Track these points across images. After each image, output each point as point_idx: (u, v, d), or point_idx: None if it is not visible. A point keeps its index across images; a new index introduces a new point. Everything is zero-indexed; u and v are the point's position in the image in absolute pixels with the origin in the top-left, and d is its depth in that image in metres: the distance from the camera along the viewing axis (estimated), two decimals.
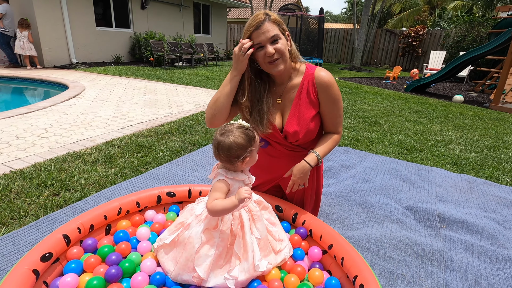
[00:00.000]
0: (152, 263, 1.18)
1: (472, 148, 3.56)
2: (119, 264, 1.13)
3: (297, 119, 1.42)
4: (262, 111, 1.38)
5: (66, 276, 1.06)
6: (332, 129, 1.50)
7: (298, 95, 1.41)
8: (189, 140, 3.20)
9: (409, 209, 2.14)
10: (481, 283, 1.52)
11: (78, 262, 1.13)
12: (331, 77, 1.39)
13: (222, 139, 1.09)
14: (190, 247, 1.11)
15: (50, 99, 4.63)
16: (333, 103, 1.42)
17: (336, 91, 1.40)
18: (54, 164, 2.41)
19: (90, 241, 1.25)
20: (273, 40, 1.24)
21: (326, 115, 1.46)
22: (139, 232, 1.34)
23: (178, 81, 7.11)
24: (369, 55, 15.31)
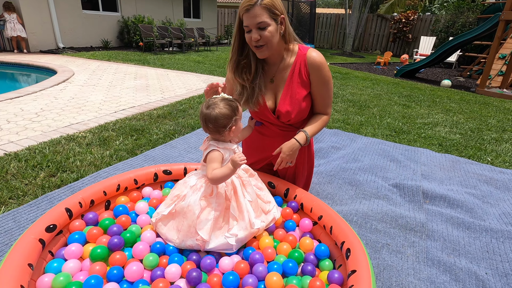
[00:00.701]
0: (152, 234, 1.24)
1: (457, 130, 3.69)
2: (121, 235, 1.20)
3: (289, 99, 1.46)
4: (253, 89, 1.43)
5: (71, 245, 1.12)
6: (322, 110, 1.54)
7: (290, 75, 1.45)
8: (182, 123, 3.23)
9: (395, 186, 2.25)
10: (459, 250, 1.65)
11: (81, 234, 1.19)
12: (322, 59, 1.43)
13: (209, 112, 1.18)
14: (191, 214, 1.18)
15: (39, 84, 4.56)
16: (323, 84, 1.46)
17: (327, 72, 1.44)
18: (49, 146, 2.42)
19: (91, 215, 1.30)
20: (259, 27, 1.25)
21: (316, 95, 1.50)
22: (137, 207, 1.40)
23: (169, 66, 7.03)
24: (360, 41, 15.30)
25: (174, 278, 1.05)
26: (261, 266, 1.11)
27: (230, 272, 1.06)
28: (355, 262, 1.09)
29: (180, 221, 1.21)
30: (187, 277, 1.02)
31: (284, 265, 1.15)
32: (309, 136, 1.47)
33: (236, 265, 1.12)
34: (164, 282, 1.01)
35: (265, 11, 1.24)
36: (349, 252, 1.15)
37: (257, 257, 1.16)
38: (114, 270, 1.03)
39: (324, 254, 1.22)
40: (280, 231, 1.39)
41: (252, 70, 1.42)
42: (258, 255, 1.17)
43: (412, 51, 12.71)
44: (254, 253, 1.18)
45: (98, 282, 0.98)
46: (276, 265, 1.13)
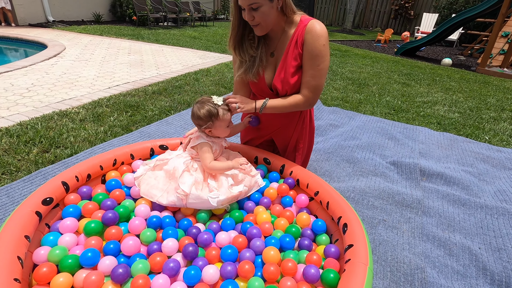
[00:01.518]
0: (146, 208, 1.22)
1: (456, 109, 3.67)
2: (114, 209, 1.17)
3: (284, 73, 1.38)
4: (254, 61, 1.38)
5: (66, 219, 1.10)
6: (302, 88, 1.37)
7: (288, 47, 1.37)
8: (178, 100, 3.16)
9: (392, 163, 2.25)
10: (454, 226, 1.67)
11: (76, 207, 1.17)
12: (323, 31, 1.30)
13: (193, 107, 1.30)
14: (175, 173, 1.25)
15: (29, 58, 4.40)
16: (311, 57, 1.30)
17: (320, 46, 1.28)
18: (41, 122, 2.36)
19: (85, 189, 1.28)
20: (251, 8, 1.19)
21: (302, 69, 1.35)
22: (126, 179, 1.38)
23: (164, 42, 6.82)
24: (361, 18, 14.88)
25: (171, 252, 1.04)
26: (258, 240, 1.11)
27: (229, 246, 1.06)
28: (352, 237, 1.09)
29: (163, 180, 1.28)
30: (184, 252, 1.02)
31: (281, 240, 1.15)
32: (265, 105, 1.37)
33: (234, 240, 1.12)
34: (161, 256, 1.00)
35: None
36: (346, 227, 1.15)
37: (255, 231, 1.16)
38: (110, 244, 1.02)
39: (321, 229, 1.22)
40: (277, 206, 1.38)
41: (255, 42, 1.36)
42: (255, 230, 1.17)
43: (414, 28, 12.41)
44: (252, 228, 1.18)
45: (95, 255, 0.97)
46: (273, 239, 1.13)
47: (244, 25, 1.33)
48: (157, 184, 1.28)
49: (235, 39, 1.36)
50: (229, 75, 4.32)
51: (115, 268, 0.92)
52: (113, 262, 0.97)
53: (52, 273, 0.91)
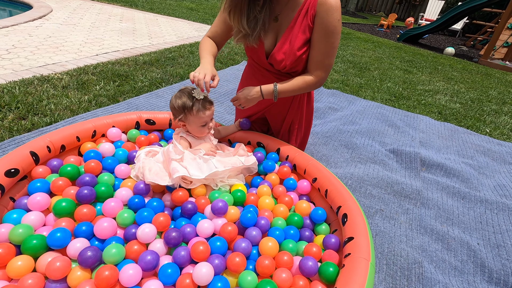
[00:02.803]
0: (128, 192, 1.09)
1: (458, 99, 3.57)
2: (95, 188, 1.04)
3: (288, 44, 1.23)
4: (256, 23, 1.20)
5: (36, 195, 0.97)
6: (311, 67, 1.26)
7: (296, 16, 1.21)
8: (170, 72, 2.97)
9: (392, 151, 2.15)
10: (452, 219, 1.60)
11: (45, 182, 1.03)
12: (338, 3, 1.16)
13: (173, 95, 1.22)
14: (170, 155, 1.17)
15: (11, 18, 4.08)
16: (325, 34, 1.17)
17: (335, 20, 1.17)
18: (19, 86, 2.17)
19: (55, 162, 1.13)
20: None
21: (313, 47, 1.22)
22: (102, 148, 1.24)
23: (159, 11, 6.45)
24: (365, 0, 14.44)
25: (148, 240, 0.91)
26: (254, 230, 1.00)
27: (217, 238, 0.95)
28: (352, 229, 0.99)
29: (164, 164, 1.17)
30: (166, 238, 0.90)
31: (285, 232, 1.05)
32: (276, 91, 1.26)
33: (223, 229, 0.99)
34: (139, 245, 0.89)
35: None
36: (346, 218, 1.05)
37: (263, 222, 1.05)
38: (82, 226, 0.90)
39: (321, 219, 1.13)
40: (280, 187, 1.27)
41: (261, 2, 1.17)
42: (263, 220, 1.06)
43: (418, 15, 12.11)
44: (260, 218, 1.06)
45: (65, 236, 0.86)
46: (278, 231, 1.02)
47: None
48: (159, 167, 1.16)
49: (241, 1, 1.13)
50: (226, 49, 4.11)
51: (83, 250, 0.80)
52: (84, 245, 0.86)
53: (10, 255, 0.79)
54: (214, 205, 1.03)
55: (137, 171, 1.16)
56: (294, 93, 1.30)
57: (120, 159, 1.26)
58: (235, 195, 1.13)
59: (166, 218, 0.96)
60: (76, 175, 1.10)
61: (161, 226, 0.96)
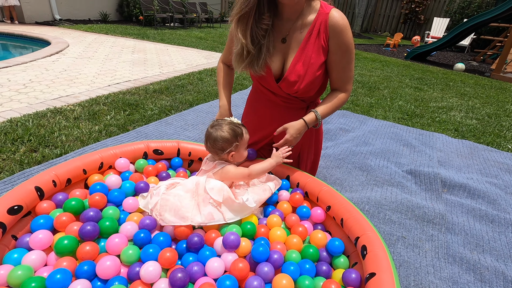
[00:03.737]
0: (133, 226, 1.03)
1: (473, 115, 3.46)
2: (98, 223, 1.00)
3: (302, 65, 1.20)
4: (260, 49, 1.18)
5: (38, 232, 0.93)
6: (339, 85, 1.27)
7: (307, 36, 1.18)
8: (180, 99, 3.01)
9: (409, 172, 2.05)
10: (483, 246, 1.47)
11: (48, 218, 0.99)
12: (346, 21, 1.17)
13: (211, 131, 1.18)
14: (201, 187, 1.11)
15: (30, 54, 4.30)
16: (344, 52, 1.19)
17: (349, 38, 1.18)
18: (33, 119, 2.22)
19: (61, 196, 1.10)
20: None
21: (334, 66, 1.23)
22: (108, 180, 1.20)
23: (169, 41, 6.70)
24: (369, 22, 14.69)
25: (153, 279, 0.85)
26: (266, 266, 0.92)
27: (226, 277, 0.87)
28: (374, 263, 0.90)
29: (187, 198, 1.08)
30: (171, 280, 0.83)
31: (300, 266, 0.96)
32: (320, 117, 1.25)
33: (233, 266, 0.91)
34: (143, 285, 0.82)
35: None
36: (366, 251, 0.96)
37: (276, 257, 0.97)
38: (84, 265, 0.85)
39: (338, 251, 1.03)
40: (292, 216, 1.19)
41: (265, 23, 1.15)
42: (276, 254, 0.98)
43: (424, 33, 12.19)
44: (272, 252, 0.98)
45: (65, 278, 0.80)
46: (292, 266, 0.94)
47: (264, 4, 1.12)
48: (181, 203, 1.06)
49: (248, 9, 1.09)
50: (235, 74, 4.16)
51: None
52: (85, 286, 0.80)
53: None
54: (225, 239, 0.96)
55: (153, 206, 1.08)
56: (333, 111, 1.30)
57: (127, 191, 1.22)
58: (245, 228, 1.06)
59: (173, 254, 0.90)
60: (80, 209, 1.07)
61: (167, 263, 0.90)
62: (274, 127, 1.43)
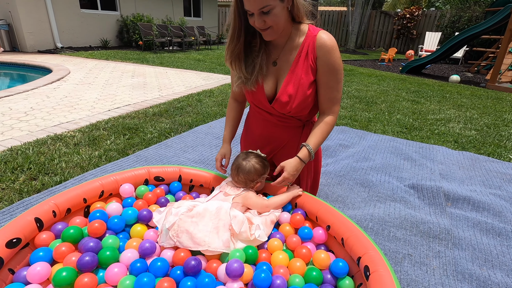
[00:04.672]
0: (133, 253, 1.02)
1: (472, 126, 3.47)
2: (98, 254, 0.98)
3: (292, 86, 1.24)
4: (253, 68, 1.23)
5: (35, 265, 0.91)
6: (326, 107, 1.27)
7: (297, 58, 1.22)
8: (179, 121, 3.03)
9: (412, 187, 2.04)
10: (492, 261, 1.43)
11: (48, 250, 0.98)
12: (334, 42, 1.20)
13: (244, 163, 1.27)
14: (224, 213, 1.12)
15: (32, 83, 4.38)
16: (331, 72, 1.21)
17: (337, 59, 1.21)
18: (33, 147, 2.23)
19: (60, 226, 1.09)
20: (262, 11, 1.05)
21: (322, 86, 1.25)
22: (109, 208, 1.19)
23: (168, 64, 6.85)
24: (363, 38, 15.06)
25: None
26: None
27: None
28: (377, 285, 0.87)
29: (205, 222, 1.07)
30: None
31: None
32: (312, 151, 1.26)
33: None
34: None
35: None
36: (368, 271, 0.93)
37: (279, 282, 0.94)
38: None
39: (342, 272, 1.00)
40: (294, 237, 1.17)
41: (257, 48, 1.22)
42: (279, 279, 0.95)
43: (417, 47, 12.45)
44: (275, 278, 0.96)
45: None
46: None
47: (247, 31, 1.18)
48: (199, 228, 1.05)
49: (238, 51, 1.20)
50: None
51: None
52: None
53: None
54: (229, 266, 0.94)
55: (170, 226, 1.06)
56: (324, 139, 1.31)
57: (128, 219, 1.21)
58: (246, 253, 1.04)
59: (170, 284, 0.88)
60: (79, 238, 1.05)
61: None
62: (272, 146, 1.46)
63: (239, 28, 1.15)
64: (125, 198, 1.33)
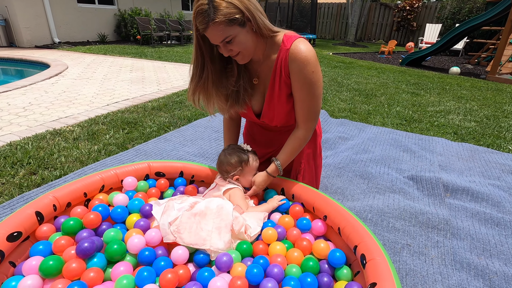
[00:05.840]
0: (140, 239, 1.02)
1: (472, 117, 3.46)
2: (105, 249, 0.97)
3: (273, 104, 1.25)
4: (238, 92, 1.24)
5: (31, 259, 0.91)
6: (301, 121, 1.24)
7: (273, 75, 1.20)
8: (178, 115, 3.03)
9: (411, 178, 2.04)
10: (490, 250, 1.44)
11: (47, 244, 0.98)
12: (308, 54, 1.10)
13: (221, 155, 1.34)
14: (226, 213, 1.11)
15: (30, 78, 4.36)
16: (305, 87, 1.14)
17: (309, 73, 1.12)
18: (32, 142, 2.23)
19: (62, 219, 1.09)
20: (226, 42, 1.02)
21: (296, 100, 1.20)
22: (116, 199, 1.19)
23: (167, 59, 6.81)
24: (363, 30, 14.94)
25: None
26: (270, 282, 0.90)
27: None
28: (374, 272, 0.88)
29: (206, 221, 1.07)
30: None
31: (301, 280, 0.94)
32: (281, 167, 1.28)
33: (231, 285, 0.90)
34: None
35: (223, 25, 0.98)
36: (365, 259, 0.94)
37: (276, 271, 0.95)
38: (74, 286, 0.82)
39: (339, 262, 1.01)
40: (294, 230, 1.18)
41: (235, 73, 1.21)
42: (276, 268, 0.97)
43: (417, 39, 12.37)
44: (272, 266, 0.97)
45: None
46: (293, 281, 0.92)
47: (220, 60, 1.17)
48: (201, 226, 1.05)
49: (212, 81, 1.16)
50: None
51: None
52: None
53: None
54: (218, 260, 0.97)
55: (171, 220, 1.05)
56: (295, 154, 1.31)
57: (135, 209, 1.21)
58: (240, 248, 1.05)
59: (174, 276, 0.88)
60: (79, 229, 1.06)
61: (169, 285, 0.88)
62: (275, 148, 1.52)
63: (203, 56, 1.12)
64: (127, 191, 1.33)
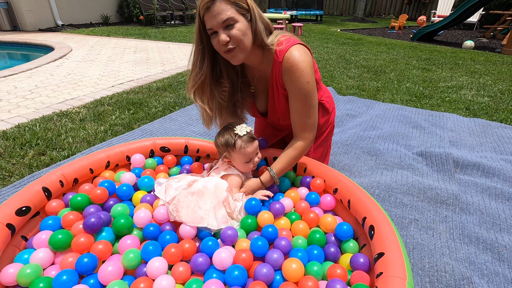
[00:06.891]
0: (146, 214, 1.04)
1: (485, 92, 3.35)
2: (112, 224, 0.99)
3: (277, 111, 1.31)
4: (234, 106, 1.28)
5: (41, 233, 0.94)
6: (298, 131, 1.21)
7: (271, 86, 1.22)
8: (183, 95, 3.00)
9: (420, 154, 2.00)
10: (500, 225, 1.42)
11: (57, 219, 1.00)
12: (301, 65, 1.08)
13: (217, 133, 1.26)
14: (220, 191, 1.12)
15: (35, 61, 4.35)
16: (299, 97, 1.13)
17: (304, 84, 1.10)
18: (39, 124, 2.25)
19: (71, 196, 1.11)
20: (227, 25, 0.99)
21: (292, 110, 1.19)
22: (123, 177, 1.21)
23: (171, 39, 6.69)
24: (372, 5, 14.34)
25: (159, 274, 0.85)
26: (276, 253, 0.91)
27: (235, 266, 0.86)
28: (381, 243, 0.88)
29: (204, 200, 1.08)
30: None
31: (308, 252, 0.95)
32: (275, 176, 1.23)
33: (236, 256, 0.91)
34: (146, 281, 0.82)
35: (230, 5, 0.97)
36: (373, 230, 0.94)
37: (284, 243, 0.96)
38: (84, 258, 0.84)
39: (346, 235, 1.01)
40: (302, 203, 1.18)
41: (227, 86, 1.20)
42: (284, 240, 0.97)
43: (430, 12, 11.83)
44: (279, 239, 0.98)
45: (71, 279, 0.80)
46: (300, 252, 0.93)
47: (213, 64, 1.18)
48: (199, 204, 1.06)
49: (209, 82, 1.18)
50: None
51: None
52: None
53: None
54: (222, 234, 0.98)
55: (170, 199, 1.08)
56: (293, 164, 1.26)
57: (145, 187, 1.23)
58: (245, 223, 1.06)
59: (178, 250, 0.90)
60: (87, 205, 1.08)
61: (173, 258, 0.90)
62: (282, 132, 1.57)
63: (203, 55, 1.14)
64: (134, 168, 1.35)
